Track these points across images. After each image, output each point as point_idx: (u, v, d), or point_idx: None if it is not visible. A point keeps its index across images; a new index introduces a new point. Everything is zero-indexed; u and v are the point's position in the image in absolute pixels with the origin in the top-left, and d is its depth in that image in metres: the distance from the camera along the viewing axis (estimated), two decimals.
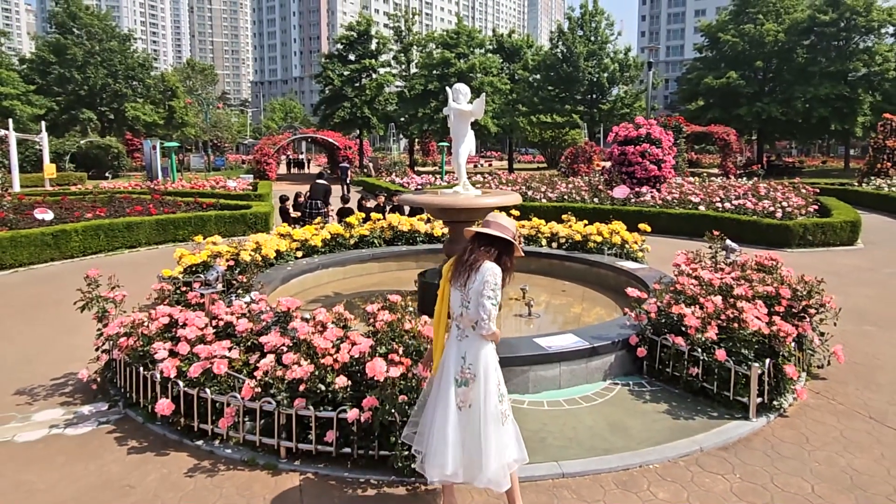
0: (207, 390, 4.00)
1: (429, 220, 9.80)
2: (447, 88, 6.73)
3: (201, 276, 5.46)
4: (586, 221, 9.44)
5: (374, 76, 43.79)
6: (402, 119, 43.39)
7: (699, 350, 4.68)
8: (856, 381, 5.18)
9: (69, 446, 4.08)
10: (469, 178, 6.92)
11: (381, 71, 44.40)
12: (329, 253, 8.89)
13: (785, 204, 13.69)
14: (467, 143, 6.52)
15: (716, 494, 3.51)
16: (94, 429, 4.33)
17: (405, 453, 3.52)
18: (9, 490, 3.57)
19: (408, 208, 11.22)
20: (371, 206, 12.23)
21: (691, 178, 22.03)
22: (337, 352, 3.94)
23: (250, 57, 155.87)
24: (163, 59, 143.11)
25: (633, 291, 5.69)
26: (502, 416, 3.04)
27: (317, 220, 10.40)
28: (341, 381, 3.74)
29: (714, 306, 4.91)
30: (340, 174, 25.16)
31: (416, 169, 39.85)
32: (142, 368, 4.40)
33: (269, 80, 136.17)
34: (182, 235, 12.73)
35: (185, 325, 4.48)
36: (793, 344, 4.73)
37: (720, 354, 4.49)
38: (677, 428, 4.25)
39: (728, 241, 6.64)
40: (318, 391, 3.78)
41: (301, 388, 3.79)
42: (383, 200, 12.77)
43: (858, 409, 4.63)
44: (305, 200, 12.56)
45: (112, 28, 45.92)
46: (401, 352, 3.94)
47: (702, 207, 14.28)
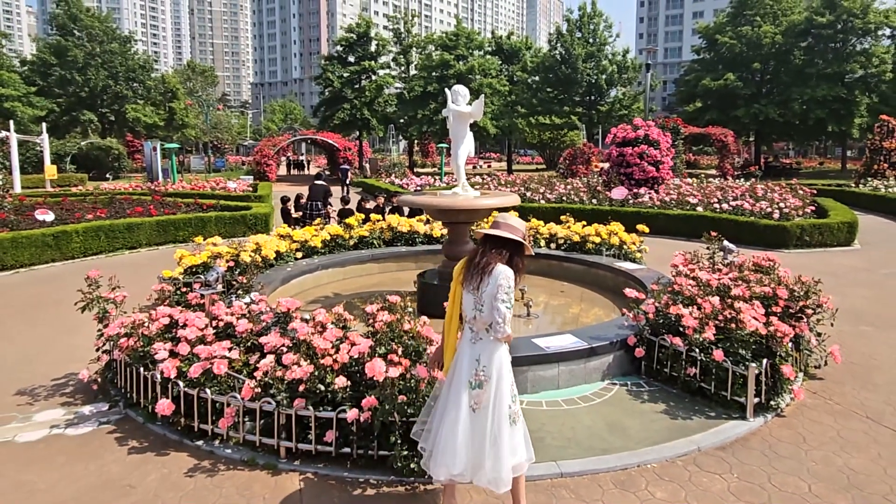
0: (207, 390, 4.01)
1: (428, 221, 9.81)
2: (446, 90, 6.75)
3: (201, 276, 5.48)
4: (585, 222, 9.47)
5: (374, 78, 43.86)
6: (402, 120, 43.44)
7: (697, 350, 4.69)
8: (852, 381, 5.19)
9: (70, 446, 4.09)
10: (468, 179, 6.93)
11: (381, 73, 44.48)
12: (329, 254, 8.91)
13: (782, 205, 13.72)
14: (466, 145, 6.55)
15: (713, 494, 3.52)
16: (95, 429, 4.34)
17: (404, 453, 3.54)
18: (9, 490, 3.57)
19: (407, 209, 11.23)
20: (370, 208, 12.24)
21: (689, 180, 22.03)
22: (336, 352, 3.95)
23: (250, 59, 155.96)
24: (163, 60, 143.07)
25: (631, 292, 5.71)
26: (514, 417, 3.04)
27: (317, 220, 10.41)
28: (341, 381, 3.75)
29: (712, 307, 4.91)
30: (341, 175, 25.19)
31: (415, 170, 39.88)
32: (142, 369, 4.41)
33: (269, 81, 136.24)
34: (182, 236, 12.75)
35: (185, 326, 4.49)
36: (790, 344, 4.75)
37: (718, 355, 4.50)
38: (675, 428, 4.26)
39: (725, 242, 6.64)
40: (317, 391, 3.79)
41: (301, 388, 3.80)
42: (383, 201, 12.79)
43: (855, 409, 4.65)
44: (305, 202, 12.59)
45: (113, 30, 45.95)
46: (400, 352, 3.95)
47: (699, 208, 14.30)
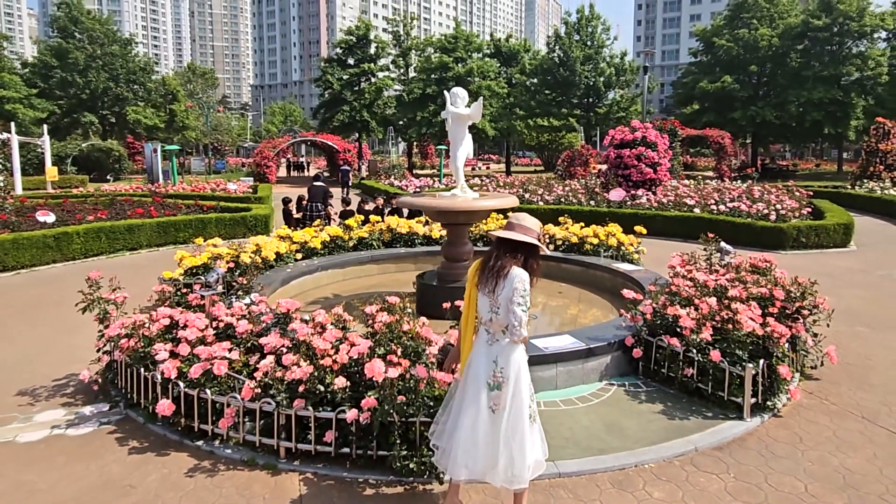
0: (208, 391, 4.02)
1: (427, 223, 9.83)
2: (445, 92, 6.79)
3: (202, 277, 5.49)
4: (583, 224, 9.50)
5: (373, 80, 43.98)
6: (401, 122, 43.52)
7: (694, 351, 4.71)
8: (849, 381, 5.21)
9: (70, 446, 4.10)
10: (467, 180, 6.96)
11: (380, 75, 44.62)
12: (328, 255, 8.92)
13: (779, 206, 13.75)
14: (465, 147, 6.58)
15: (710, 494, 3.53)
16: (96, 429, 4.35)
17: (403, 453, 3.56)
18: (10, 490, 3.59)
19: (406, 211, 11.26)
20: (370, 209, 12.27)
21: (686, 181, 22.10)
22: (336, 353, 3.96)
23: (250, 61, 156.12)
24: (164, 62, 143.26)
25: (628, 293, 5.74)
26: (533, 416, 3.07)
27: (317, 222, 10.43)
28: (340, 381, 3.75)
29: (709, 308, 4.93)
30: (341, 177, 25.24)
31: (414, 172, 39.98)
32: (143, 369, 4.42)
33: (269, 83, 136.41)
34: (183, 238, 12.78)
35: (185, 327, 4.50)
36: (786, 345, 4.76)
37: (715, 355, 4.52)
38: (672, 428, 4.28)
39: (723, 243, 6.66)
40: (317, 392, 3.79)
41: (300, 388, 3.81)
42: (382, 203, 12.81)
43: (851, 410, 4.66)
44: (305, 203, 12.61)
45: (113, 32, 46.06)
46: (399, 353, 3.96)
47: (697, 210, 14.33)
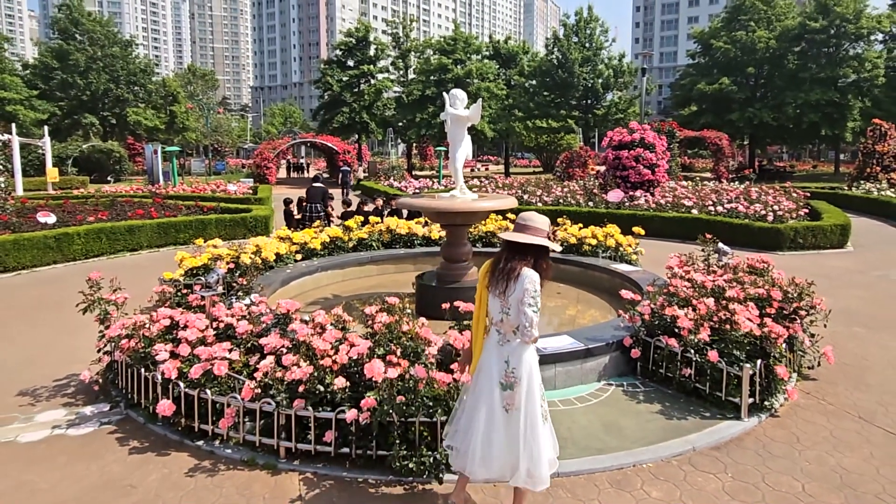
0: (208, 391, 4.03)
1: (426, 224, 9.85)
2: (444, 94, 6.81)
3: (202, 278, 5.50)
4: (581, 225, 9.51)
5: (373, 82, 44.02)
6: (400, 124, 43.54)
7: (692, 351, 4.72)
8: (845, 381, 5.23)
9: (71, 446, 4.11)
10: (466, 182, 6.99)
11: (380, 77, 44.65)
12: (328, 256, 8.94)
13: (776, 207, 13.73)
14: (464, 148, 6.61)
15: (708, 493, 3.55)
16: (96, 429, 4.36)
17: (402, 453, 3.58)
18: (11, 490, 3.60)
19: (406, 212, 11.29)
20: (370, 210, 12.29)
21: (684, 183, 22.10)
22: (336, 353, 3.97)
23: (250, 63, 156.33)
24: (164, 64, 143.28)
25: (627, 293, 5.76)
26: (545, 415, 3.10)
27: (316, 223, 10.45)
28: (340, 382, 3.77)
29: (706, 308, 4.95)
30: (341, 178, 25.24)
31: (413, 173, 40.01)
32: (143, 370, 4.43)
33: (268, 85, 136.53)
34: (183, 238, 12.79)
35: (185, 327, 4.52)
36: (784, 345, 4.77)
37: (712, 355, 4.53)
38: (670, 428, 4.30)
39: (720, 244, 6.66)
40: (317, 392, 3.81)
41: (300, 388, 3.82)
42: (381, 204, 12.83)
43: (848, 409, 4.68)
44: (305, 204, 12.62)
45: (114, 34, 46.10)
46: (399, 353, 3.97)
47: (694, 211, 14.36)
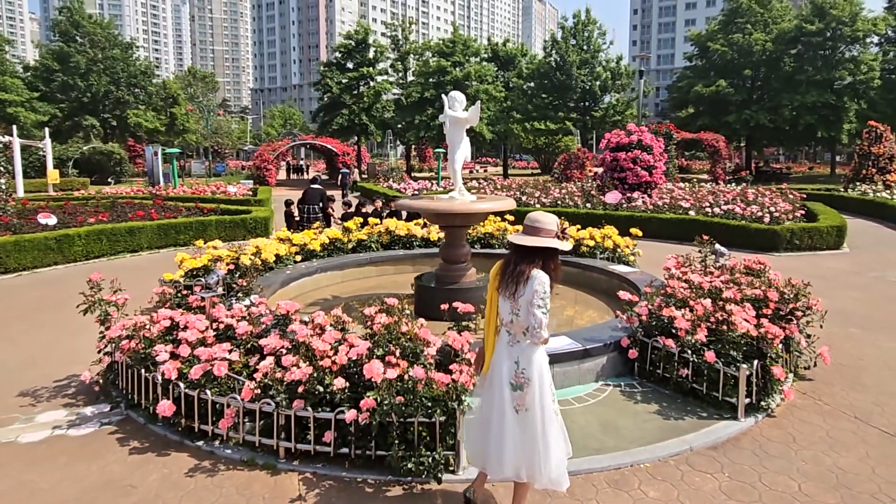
0: (208, 392, 4.04)
1: (425, 225, 9.87)
2: (443, 96, 6.84)
3: (202, 279, 5.51)
4: (579, 226, 9.53)
5: (372, 84, 44.05)
6: (400, 126, 43.59)
7: (689, 352, 4.74)
8: (841, 381, 5.25)
9: (72, 447, 4.12)
10: (465, 183, 7.02)
11: (379, 79, 44.68)
12: (327, 257, 8.97)
13: (773, 209, 13.74)
14: (463, 150, 6.64)
15: (705, 493, 3.56)
16: (97, 430, 4.38)
17: (401, 453, 3.60)
18: (12, 490, 3.61)
19: (405, 213, 11.31)
20: (369, 211, 12.31)
21: (681, 184, 22.21)
22: (335, 354, 3.97)
23: (250, 65, 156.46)
24: (164, 66, 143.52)
25: (624, 294, 5.76)
26: (555, 415, 3.12)
27: (316, 224, 10.47)
28: (339, 382, 3.77)
29: (703, 309, 4.96)
30: (340, 179, 25.28)
31: (412, 175, 40.03)
32: (143, 370, 4.44)
33: (268, 87, 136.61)
34: (183, 240, 12.82)
35: (186, 328, 4.53)
36: (780, 346, 4.78)
37: (709, 356, 4.55)
38: (668, 428, 4.31)
39: (717, 246, 6.68)
40: (316, 392, 3.81)
41: (300, 389, 3.83)
42: (380, 205, 12.85)
43: (844, 410, 4.70)
44: (302, 206, 12.62)
45: (114, 36, 46.17)
46: (398, 354, 3.97)
47: (692, 212, 14.40)
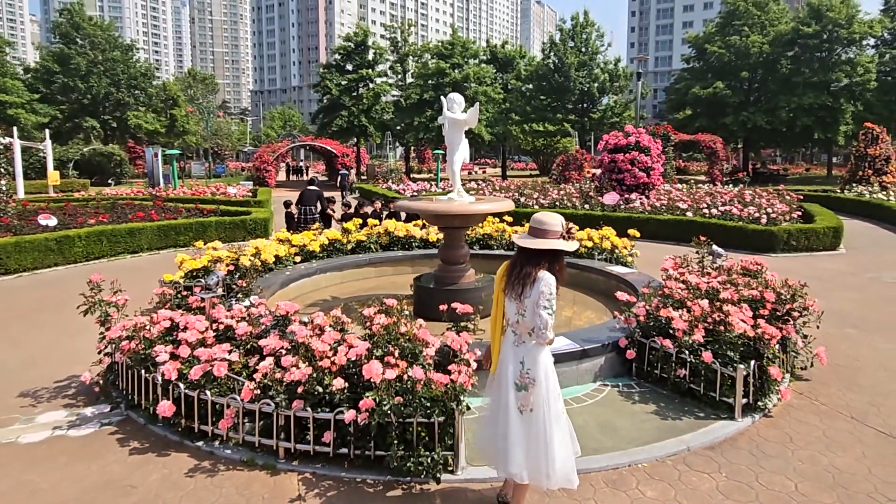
0: (208, 392, 4.06)
1: (424, 226, 9.89)
2: (442, 98, 6.87)
3: (202, 280, 5.52)
4: (577, 227, 9.49)
5: (371, 86, 44.10)
6: (399, 127, 43.61)
7: (686, 352, 4.76)
8: (838, 382, 5.27)
9: (72, 447, 4.13)
10: (463, 184, 7.04)
11: (378, 81, 44.73)
12: (327, 258, 8.98)
13: (770, 210, 13.78)
14: (462, 151, 6.66)
15: (702, 493, 3.57)
16: (97, 430, 4.39)
17: (400, 453, 3.61)
18: (12, 490, 3.62)
19: (404, 214, 11.33)
20: (368, 212, 12.32)
21: (679, 185, 22.28)
22: (334, 354, 3.99)
23: (250, 67, 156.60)
24: (164, 68, 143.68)
25: (622, 295, 5.80)
26: (560, 415, 3.15)
27: (315, 225, 10.48)
28: (338, 382, 3.79)
29: (701, 310, 4.98)
30: (339, 181, 25.32)
31: (412, 176, 40.09)
32: (143, 371, 4.46)
33: (268, 89, 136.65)
34: (183, 241, 12.85)
35: (185, 329, 4.54)
36: (777, 346, 4.80)
37: (707, 356, 4.57)
38: (665, 428, 4.33)
39: (714, 247, 6.71)
40: (315, 393, 3.83)
41: (299, 389, 3.84)
42: (379, 206, 12.87)
43: (840, 410, 4.72)
44: (299, 207, 12.62)
45: (115, 38, 46.21)
46: (397, 354, 3.98)
47: (689, 213, 14.44)
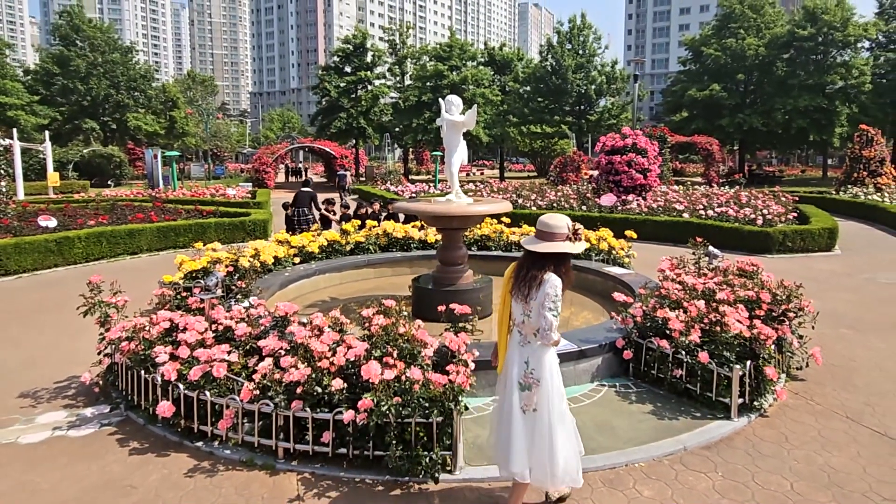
0: (207, 393, 4.07)
1: (422, 227, 9.93)
2: (440, 100, 6.89)
3: (201, 281, 5.54)
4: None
5: (370, 88, 44.11)
6: (397, 129, 43.66)
7: (683, 352, 4.77)
8: (833, 382, 5.29)
9: (72, 447, 4.14)
10: (461, 186, 7.08)
11: (377, 83, 44.76)
12: (326, 259, 9.00)
13: (765, 211, 13.83)
14: (460, 153, 6.69)
15: (699, 492, 3.59)
16: (97, 430, 4.40)
17: (399, 453, 3.62)
18: (13, 490, 3.63)
19: (402, 215, 11.36)
20: (367, 214, 12.34)
21: (676, 187, 22.31)
22: (333, 355, 4.00)
23: (249, 68, 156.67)
24: (164, 70, 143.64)
25: (619, 296, 5.82)
26: (564, 415, 3.17)
27: (314, 226, 10.49)
28: (337, 383, 3.79)
29: (697, 310, 4.99)
30: (338, 182, 25.36)
31: (410, 177, 40.12)
32: (143, 372, 4.47)
33: (267, 91, 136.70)
34: (182, 242, 12.86)
35: (185, 330, 4.55)
36: (773, 346, 4.82)
37: (703, 357, 4.59)
38: (662, 428, 4.34)
39: (711, 248, 6.73)
40: (314, 393, 3.84)
41: (298, 390, 3.85)
42: (378, 208, 12.90)
43: (836, 410, 4.74)
44: (292, 209, 12.61)
45: (114, 40, 46.25)
46: (395, 355, 3.99)
47: (686, 215, 14.48)
